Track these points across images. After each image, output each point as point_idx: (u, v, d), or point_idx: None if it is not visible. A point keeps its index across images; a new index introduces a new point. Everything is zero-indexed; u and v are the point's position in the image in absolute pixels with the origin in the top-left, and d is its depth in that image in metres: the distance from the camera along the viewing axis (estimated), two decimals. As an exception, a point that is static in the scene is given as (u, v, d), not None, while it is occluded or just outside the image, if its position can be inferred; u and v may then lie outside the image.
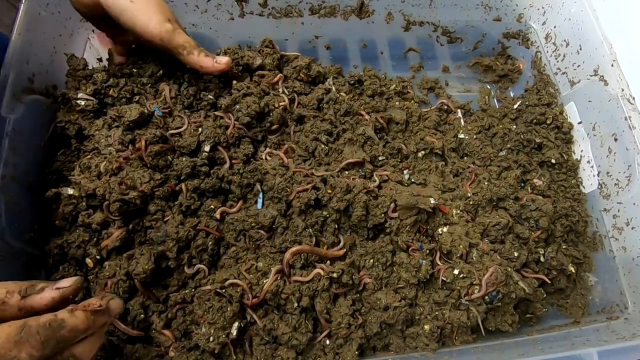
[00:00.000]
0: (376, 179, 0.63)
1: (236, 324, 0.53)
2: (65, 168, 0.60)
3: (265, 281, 0.53)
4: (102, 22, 0.59)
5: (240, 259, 0.58)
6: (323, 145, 0.67)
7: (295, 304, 0.54)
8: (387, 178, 0.64)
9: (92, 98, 0.62)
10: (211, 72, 0.60)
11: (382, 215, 0.59)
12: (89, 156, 0.59)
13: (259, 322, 0.54)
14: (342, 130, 0.69)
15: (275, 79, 0.70)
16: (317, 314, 0.56)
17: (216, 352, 0.52)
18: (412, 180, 0.66)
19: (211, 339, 0.52)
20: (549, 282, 0.65)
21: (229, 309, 0.53)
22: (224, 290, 0.53)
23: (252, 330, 0.55)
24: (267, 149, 0.66)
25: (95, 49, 0.70)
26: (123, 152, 0.59)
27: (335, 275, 0.55)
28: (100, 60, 0.71)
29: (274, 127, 0.68)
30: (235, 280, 0.53)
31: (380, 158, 0.67)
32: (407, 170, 0.67)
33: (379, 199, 0.60)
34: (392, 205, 0.60)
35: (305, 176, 0.61)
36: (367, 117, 0.70)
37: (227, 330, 0.52)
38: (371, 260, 0.59)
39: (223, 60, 0.59)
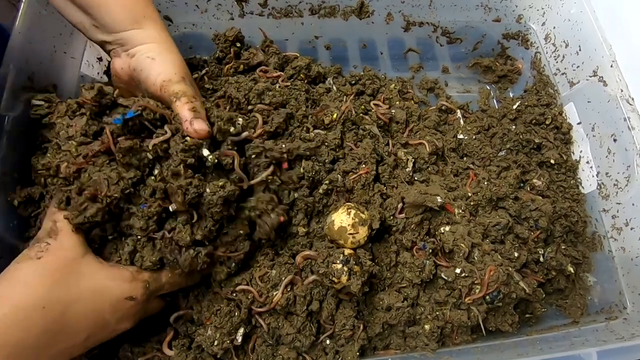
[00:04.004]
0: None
1: (242, 330, 0.53)
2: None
3: (275, 293, 0.53)
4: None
5: (257, 263, 0.56)
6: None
7: (305, 307, 0.54)
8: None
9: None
10: (185, 129, 0.49)
11: (391, 217, 0.60)
12: (48, 154, 0.51)
13: (264, 325, 0.53)
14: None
15: (275, 74, 0.70)
16: (322, 318, 0.55)
17: (218, 356, 0.52)
18: (416, 178, 0.67)
19: (215, 342, 0.51)
20: (544, 282, 0.65)
21: (236, 314, 0.53)
22: (234, 295, 0.53)
23: (256, 332, 0.55)
24: None
25: (95, 49, 0.70)
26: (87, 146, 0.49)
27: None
28: (100, 59, 0.71)
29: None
30: (246, 287, 0.53)
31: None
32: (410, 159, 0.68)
33: (387, 200, 0.60)
34: (400, 205, 0.60)
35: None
36: (367, 118, 0.70)
37: (232, 335, 0.52)
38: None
39: (198, 127, 0.49)
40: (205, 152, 0.50)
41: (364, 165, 0.61)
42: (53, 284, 0.43)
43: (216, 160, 0.50)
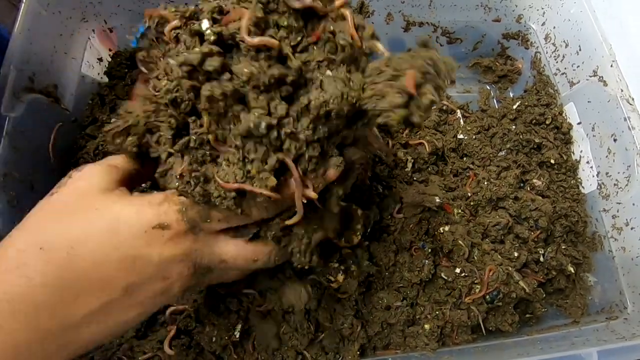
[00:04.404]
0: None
1: (239, 326, 0.53)
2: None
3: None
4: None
5: None
6: None
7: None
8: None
9: None
10: None
11: (389, 216, 0.60)
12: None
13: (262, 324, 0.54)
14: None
15: None
16: (320, 316, 0.56)
17: (217, 353, 0.52)
18: (415, 178, 0.67)
19: (214, 339, 0.52)
20: (544, 282, 0.65)
21: (235, 310, 0.53)
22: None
23: (255, 330, 0.55)
24: None
25: (95, 49, 0.70)
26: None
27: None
28: (100, 60, 0.71)
29: None
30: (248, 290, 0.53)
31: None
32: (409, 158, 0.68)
33: (385, 200, 0.60)
34: (398, 206, 0.60)
35: None
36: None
37: (230, 332, 0.52)
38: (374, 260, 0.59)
39: None
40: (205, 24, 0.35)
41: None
42: (53, 221, 0.34)
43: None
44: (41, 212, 0.35)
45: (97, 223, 0.34)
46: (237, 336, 0.52)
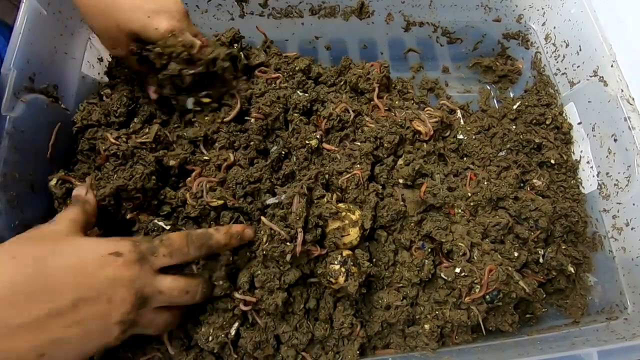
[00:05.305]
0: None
1: (236, 325, 0.53)
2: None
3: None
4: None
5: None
6: None
7: (302, 305, 0.54)
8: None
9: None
10: None
11: (387, 215, 0.60)
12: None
13: (260, 322, 0.54)
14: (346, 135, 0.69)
15: (274, 75, 0.70)
16: (320, 316, 0.56)
17: (215, 351, 0.52)
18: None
19: (210, 338, 0.52)
20: (544, 282, 0.65)
21: (230, 308, 0.53)
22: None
23: (254, 329, 0.55)
24: None
25: (96, 49, 0.70)
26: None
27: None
28: (100, 60, 0.72)
29: None
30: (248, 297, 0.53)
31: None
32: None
33: (385, 199, 0.60)
34: (401, 203, 0.60)
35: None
36: (367, 118, 0.70)
37: (226, 330, 0.52)
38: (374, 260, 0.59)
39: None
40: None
41: (358, 165, 0.61)
42: (26, 243, 0.41)
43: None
44: (20, 238, 0.42)
45: (63, 245, 0.42)
46: (233, 333, 0.52)
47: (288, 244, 0.49)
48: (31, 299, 0.37)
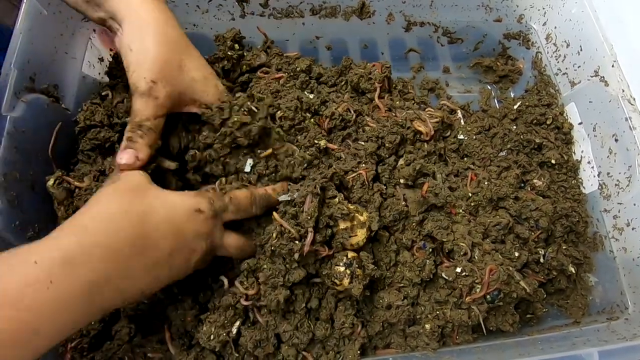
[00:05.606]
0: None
1: (237, 323, 0.53)
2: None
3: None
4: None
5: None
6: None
7: (303, 305, 0.54)
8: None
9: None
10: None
11: (390, 216, 0.60)
12: None
13: (261, 320, 0.54)
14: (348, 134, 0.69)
15: (277, 76, 0.70)
16: (321, 315, 0.56)
17: (216, 350, 0.52)
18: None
19: (212, 337, 0.52)
20: (545, 282, 0.65)
21: (232, 306, 0.53)
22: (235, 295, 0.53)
23: (255, 328, 0.55)
24: None
25: (96, 49, 0.70)
26: None
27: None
28: (101, 59, 0.72)
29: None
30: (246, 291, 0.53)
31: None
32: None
33: (388, 199, 0.60)
34: (403, 203, 0.60)
35: None
36: (368, 118, 0.70)
37: (227, 328, 0.52)
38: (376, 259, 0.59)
39: (123, 159, 0.49)
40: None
41: (363, 165, 0.61)
42: (128, 198, 0.45)
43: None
44: (110, 194, 0.46)
45: (157, 202, 0.47)
46: (234, 332, 0.52)
47: (297, 242, 0.50)
48: (142, 251, 0.44)
